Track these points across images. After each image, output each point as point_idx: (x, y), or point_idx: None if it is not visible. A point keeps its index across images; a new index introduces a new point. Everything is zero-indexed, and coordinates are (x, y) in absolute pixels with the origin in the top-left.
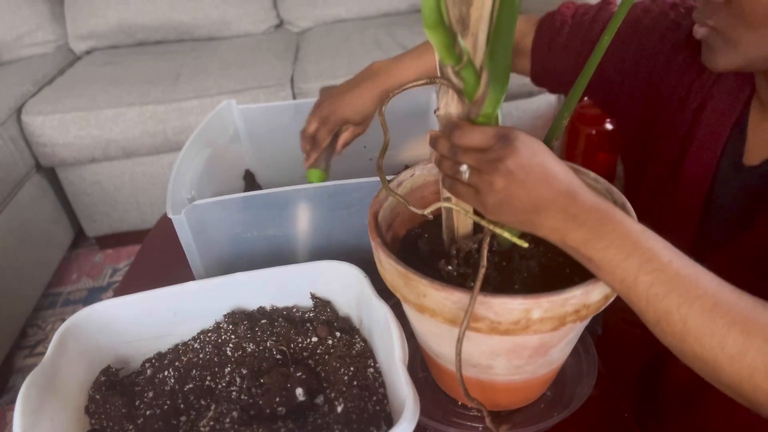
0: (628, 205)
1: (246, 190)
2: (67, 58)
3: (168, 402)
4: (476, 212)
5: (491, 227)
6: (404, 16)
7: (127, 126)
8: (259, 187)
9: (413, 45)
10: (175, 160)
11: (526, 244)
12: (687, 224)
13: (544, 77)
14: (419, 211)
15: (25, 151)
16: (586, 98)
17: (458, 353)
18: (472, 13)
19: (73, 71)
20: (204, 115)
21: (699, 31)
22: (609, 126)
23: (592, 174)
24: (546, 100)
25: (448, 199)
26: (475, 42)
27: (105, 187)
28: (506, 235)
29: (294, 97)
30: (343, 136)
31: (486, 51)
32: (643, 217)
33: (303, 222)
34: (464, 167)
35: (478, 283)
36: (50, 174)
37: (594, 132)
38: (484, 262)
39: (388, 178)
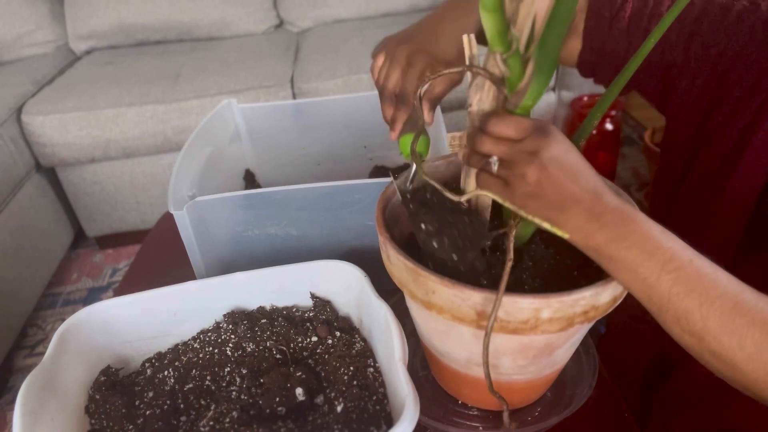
0: (636, 207)
1: (246, 189)
2: (67, 58)
3: (168, 402)
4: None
5: (524, 214)
6: (404, 16)
7: (127, 126)
8: (258, 187)
9: None
10: (177, 158)
11: (567, 235)
12: (735, 221)
13: (598, 62)
14: (456, 198)
15: (25, 151)
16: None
17: (486, 347)
18: (521, 9)
19: (73, 71)
20: (204, 115)
21: None
22: (609, 126)
23: (600, 176)
24: (546, 101)
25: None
26: (520, 38)
27: (105, 187)
28: (545, 225)
29: (294, 97)
30: (437, 90)
31: (530, 45)
32: (683, 213)
33: None
34: (494, 158)
35: (505, 276)
36: (50, 174)
37: (594, 132)
38: (511, 254)
39: (393, 178)
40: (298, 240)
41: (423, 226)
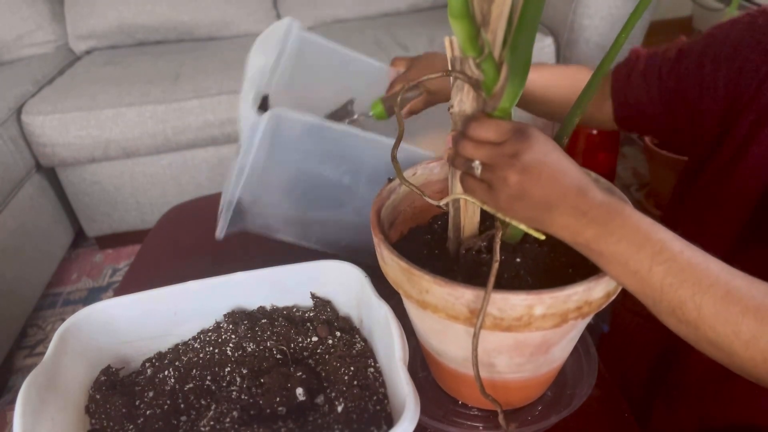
0: (629, 203)
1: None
2: (67, 58)
3: (168, 402)
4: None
5: (505, 218)
6: (404, 16)
7: (127, 126)
8: None
9: (414, 45)
10: (247, 60)
11: (543, 236)
12: (736, 216)
13: (629, 114)
14: (434, 202)
15: (25, 151)
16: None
17: (474, 347)
18: (493, 9)
19: (73, 71)
20: (204, 115)
21: None
22: None
23: (593, 174)
24: None
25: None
26: (494, 39)
27: (105, 187)
28: (522, 227)
29: None
30: (414, 102)
31: (505, 48)
32: (692, 206)
33: None
34: (476, 162)
35: (492, 278)
36: (50, 174)
37: (594, 132)
38: (497, 256)
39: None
40: (345, 191)
41: None
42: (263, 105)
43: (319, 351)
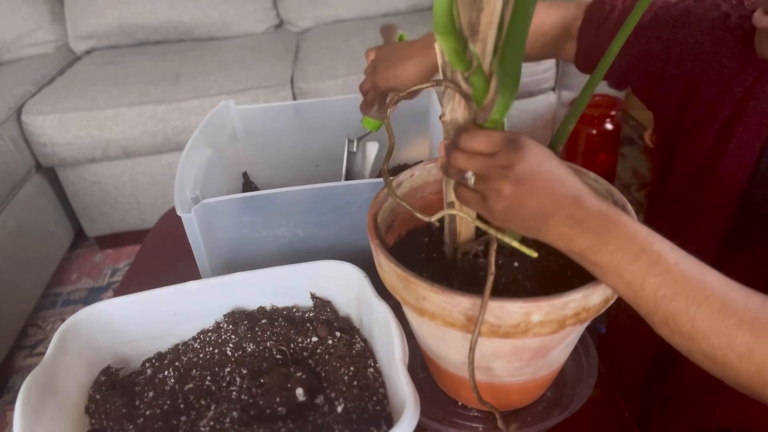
0: (629, 206)
1: (243, 191)
2: (67, 58)
3: (168, 402)
4: (481, 217)
5: (498, 234)
6: (404, 16)
7: (127, 126)
8: (255, 189)
9: None
10: (180, 160)
11: (535, 254)
12: (717, 223)
13: (589, 62)
14: (426, 218)
15: (25, 151)
16: (629, 88)
17: (471, 362)
18: (482, 18)
19: (73, 71)
20: (204, 115)
21: (763, 20)
22: (609, 126)
23: (593, 174)
24: (546, 100)
25: (451, 204)
26: (484, 48)
27: (105, 187)
28: (515, 244)
29: (294, 97)
30: (391, 96)
31: (496, 57)
32: (670, 213)
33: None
34: (469, 173)
35: (488, 291)
36: (50, 174)
37: (594, 132)
38: (492, 269)
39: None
40: (305, 241)
41: None
42: (246, 181)
43: (319, 351)
